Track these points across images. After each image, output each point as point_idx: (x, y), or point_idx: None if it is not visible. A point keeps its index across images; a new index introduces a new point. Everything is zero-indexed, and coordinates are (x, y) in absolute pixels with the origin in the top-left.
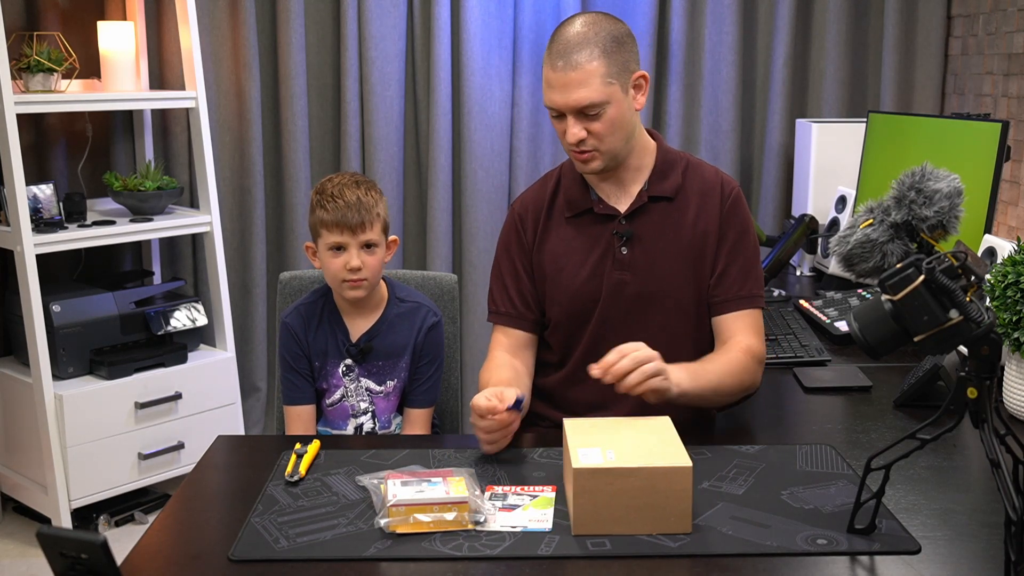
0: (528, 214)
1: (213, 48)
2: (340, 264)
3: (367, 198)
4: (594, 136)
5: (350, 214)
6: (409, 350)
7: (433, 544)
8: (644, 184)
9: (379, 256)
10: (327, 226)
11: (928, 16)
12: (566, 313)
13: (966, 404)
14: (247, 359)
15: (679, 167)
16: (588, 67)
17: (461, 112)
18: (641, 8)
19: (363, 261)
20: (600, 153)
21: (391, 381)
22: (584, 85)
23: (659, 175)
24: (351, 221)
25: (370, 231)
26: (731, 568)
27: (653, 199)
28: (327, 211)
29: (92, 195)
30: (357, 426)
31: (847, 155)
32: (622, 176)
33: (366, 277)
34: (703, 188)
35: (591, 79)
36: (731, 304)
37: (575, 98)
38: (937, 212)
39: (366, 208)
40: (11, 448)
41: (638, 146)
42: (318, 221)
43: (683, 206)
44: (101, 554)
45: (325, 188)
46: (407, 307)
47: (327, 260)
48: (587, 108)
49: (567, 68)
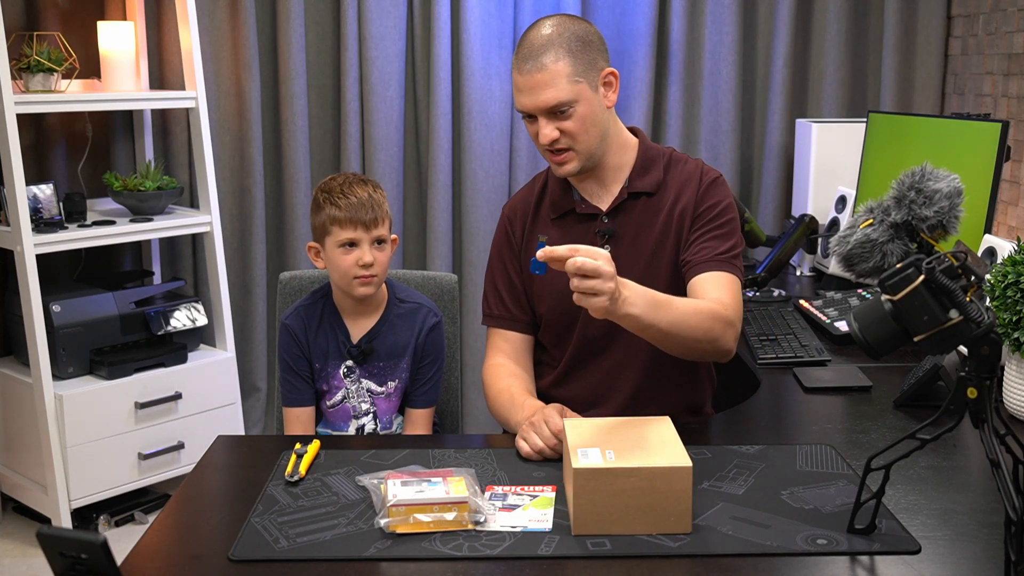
0: (516, 216)
1: (213, 48)
2: (352, 261)
3: (376, 195)
4: (567, 135)
5: (363, 210)
6: (410, 351)
7: (433, 544)
8: (625, 181)
9: (387, 253)
10: (339, 223)
11: (928, 16)
12: (554, 312)
13: (966, 404)
14: (247, 359)
15: (660, 162)
16: (554, 68)
17: (461, 112)
18: (641, 8)
19: (375, 256)
20: (575, 153)
21: (392, 382)
22: (551, 85)
23: (640, 171)
24: (364, 217)
25: (382, 227)
26: (731, 568)
27: (634, 195)
28: (339, 208)
29: (92, 195)
30: (359, 427)
31: (847, 155)
32: (602, 175)
33: (376, 273)
34: (684, 179)
35: (557, 79)
36: (705, 265)
37: (543, 98)
38: (937, 212)
39: (377, 204)
40: (11, 448)
41: (616, 144)
42: (328, 219)
43: (663, 198)
44: (101, 554)
45: (332, 187)
46: (407, 308)
47: (337, 258)
48: (556, 107)
49: (533, 70)
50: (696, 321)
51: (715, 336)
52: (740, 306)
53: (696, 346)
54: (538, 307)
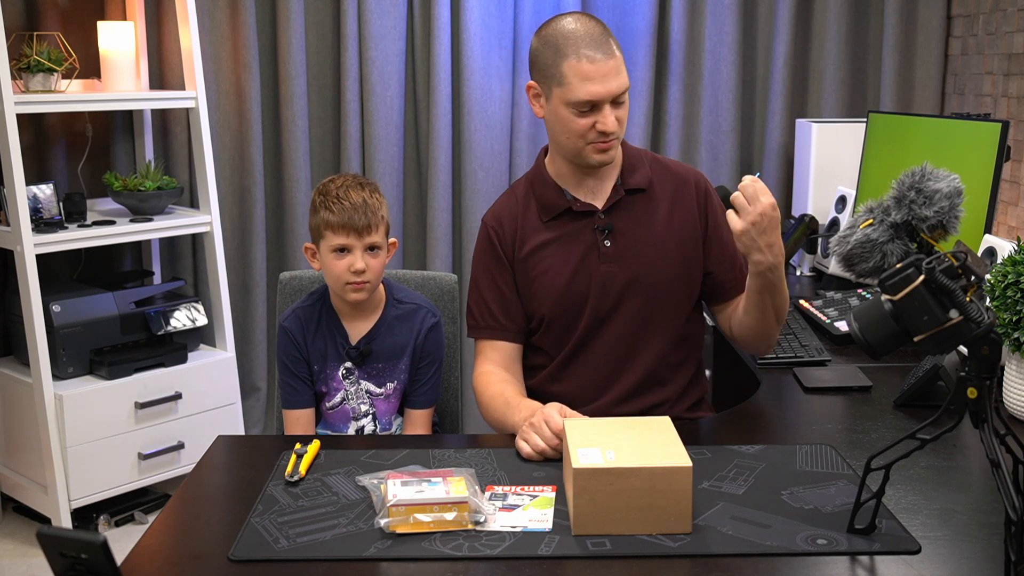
0: (504, 224)
1: (213, 48)
2: (344, 267)
3: (372, 200)
4: (619, 122)
5: (356, 216)
6: (409, 351)
7: (433, 544)
8: (617, 179)
9: (382, 259)
10: (332, 228)
11: (928, 16)
12: (556, 312)
13: (966, 404)
14: (247, 359)
15: (645, 161)
16: (618, 55)
17: (461, 112)
18: (641, 8)
19: (367, 264)
20: (618, 140)
21: (391, 383)
22: (620, 72)
23: (630, 169)
24: (357, 224)
25: (375, 234)
26: (731, 568)
27: (629, 192)
28: (333, 213)
29: (92, 195)
30: (358, 428)
31: (847, 155)
32: (596, 173)
33: (369, 280)
34: (674, 181)
35: (621, 66)
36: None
37: (616, 84)
38: (937, 212)
39: (371, 210)
40: (11, 448)
41: None
42: (322, 223)
43: (656, 196)
44: (101, 554)
45: (329, 190)
46: (406, 308)
47: (330, 262)
48: (622, 93)
49: (606, 58)
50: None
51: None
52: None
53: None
54: (538, 310)
